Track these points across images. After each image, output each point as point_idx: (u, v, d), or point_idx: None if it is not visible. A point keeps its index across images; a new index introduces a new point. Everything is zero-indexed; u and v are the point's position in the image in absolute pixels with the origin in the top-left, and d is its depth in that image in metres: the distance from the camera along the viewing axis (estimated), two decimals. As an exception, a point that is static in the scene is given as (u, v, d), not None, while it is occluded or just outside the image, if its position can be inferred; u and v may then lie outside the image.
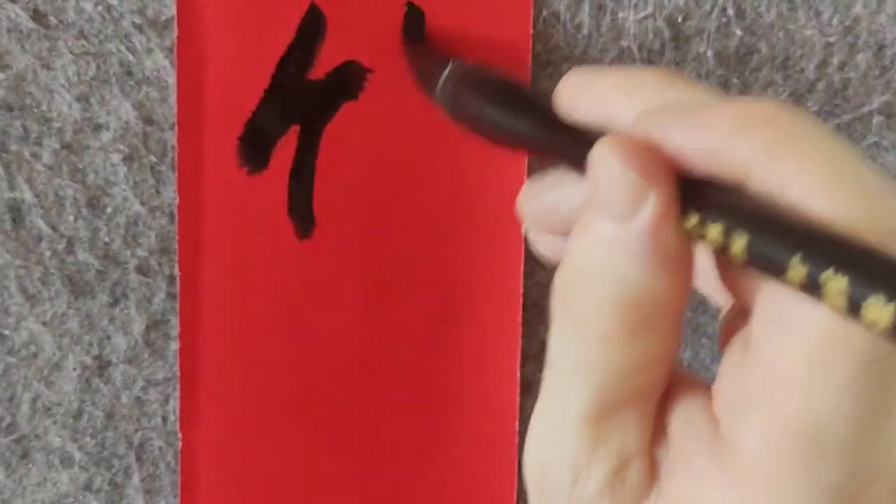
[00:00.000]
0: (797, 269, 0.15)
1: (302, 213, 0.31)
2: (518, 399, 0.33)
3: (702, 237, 0.18)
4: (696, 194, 0.18)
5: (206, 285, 0.31)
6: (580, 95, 0.20)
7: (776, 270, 0.16)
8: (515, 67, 0.32)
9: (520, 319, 0.33)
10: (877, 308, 0.14)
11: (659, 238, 0.18)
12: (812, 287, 0.15)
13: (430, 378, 0.33)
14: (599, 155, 0.18)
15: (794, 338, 0.16)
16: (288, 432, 0.32)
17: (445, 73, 0.26)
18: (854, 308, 0.15)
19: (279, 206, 0.31)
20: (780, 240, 0.16)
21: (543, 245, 0.23)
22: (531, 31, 0.32)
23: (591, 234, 0.18)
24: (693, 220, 0.18)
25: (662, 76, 0.19)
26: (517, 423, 0.33)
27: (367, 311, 0.32)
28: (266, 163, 0.31)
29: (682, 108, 0.18)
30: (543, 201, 0.22)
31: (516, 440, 0.33)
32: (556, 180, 0.21)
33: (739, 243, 0.16)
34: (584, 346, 0.19)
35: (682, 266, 0.18)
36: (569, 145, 0.20)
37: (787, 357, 0.16)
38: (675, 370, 0.20)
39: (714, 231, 0.17)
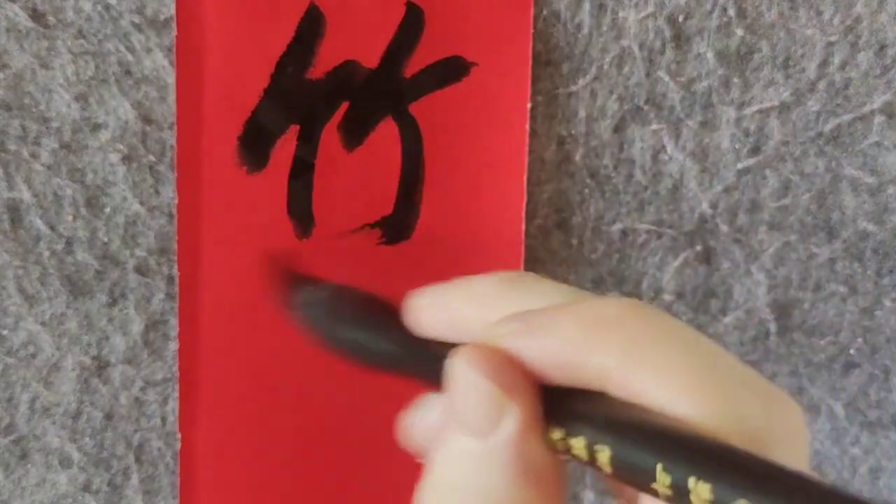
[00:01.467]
0: (662, 477, 0.15)
1: (301, 213, 0.31)
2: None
3: (568, 450, 0.17)
4: (559, 405, 0.17)
5: (206, 285, 0.31)
6: (431, 314, 0.20)
7: (642, 481, 0.15)
8: (515, 68, 0.32)
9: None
10: None
11: (522, 452, 0.17)
12: (679, 495, 0.15)
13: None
14: (455, 367, 0.17)
15: None
16: (287, 432, 0.32)
17: (304, 300, 0.25)
18: None
19: (279, 205, 0.31)
20: (642, 449, 0.15)
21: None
22: (531, 31, 0.32)
23: (451, 450, 0.17)
24: (557, 433, 0.17)
25: (504, 279, 0.19)
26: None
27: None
28: (265, 162, 0.31)
29: (528, 316, 0.17)
30: (430, 419, 0.20)
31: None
32: (433, 400, 0.20)
33: (604, 456, 0.16)
34: None
35: (552, 478, 0.17)
36: (425, 362, 0.19)
37: None
38: None
39: (578, 444, 0.16)
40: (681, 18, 0.33)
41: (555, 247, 0.34)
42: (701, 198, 0.34)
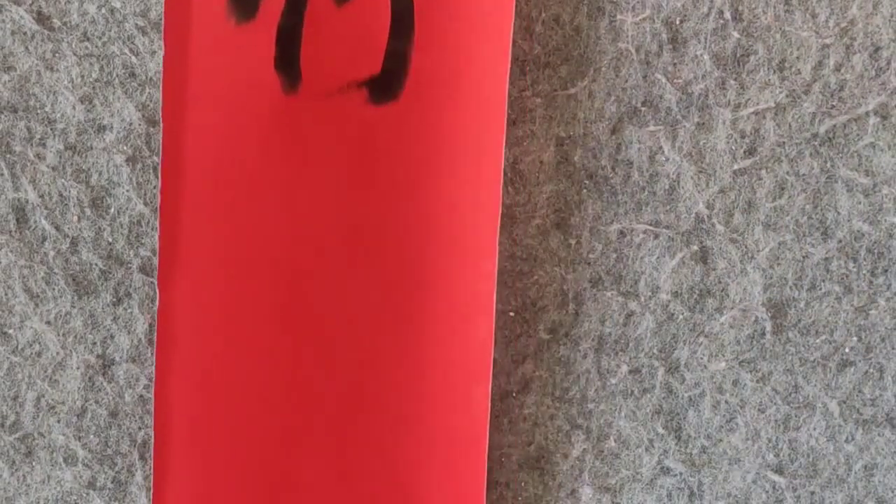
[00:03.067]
0: None
1: (289, 67, 0.30)
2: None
3: None
4: None
5: (190, 143, 0.30)
6: None
7: None
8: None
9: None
10: None
11: None
12: None
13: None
14: None
15: None
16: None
17: None
18: None
19: (267, 59, 0.30)
20: None
21: None
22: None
23: None
24: None
25: None
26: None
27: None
28: (254, 13, 0.30)
29: None
30: None
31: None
32: None
33: None
34: None
35: None
36: None
37: None
38: None
39: None
40: (677, 21, 0.33)
41: (553, 246, 0.34)
42: (697, 198, 0.34)
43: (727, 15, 0.33)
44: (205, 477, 0.32)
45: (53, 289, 0.31)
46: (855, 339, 0.36)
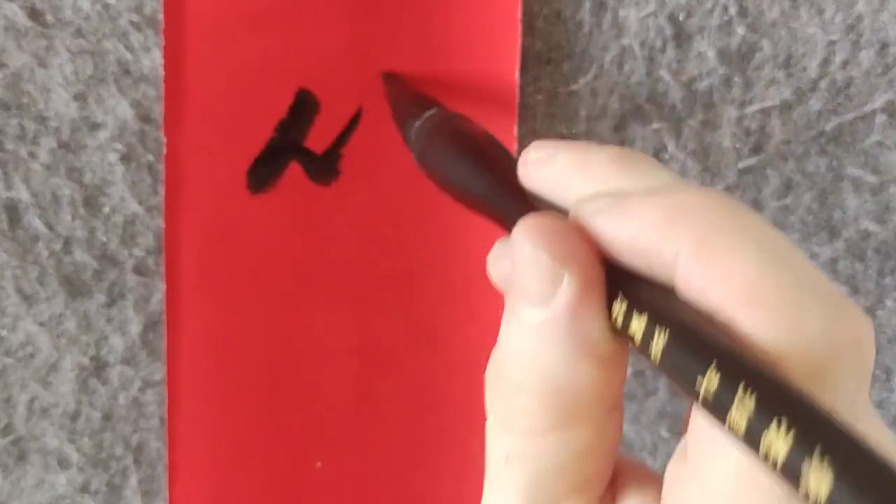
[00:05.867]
0: (710, 379, 0.14)
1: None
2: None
3: (624, 330, 0.16)
4: (626, 283, 0.17)
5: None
6: (541, 169, 0.19)
7: (686, 377, 0.15)
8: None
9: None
10: (777, 442, 0.13)
11: (579, 324, 0.17)
12: (721, 402, 0.14)
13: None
14: (517, 235, 0.17)
15: (722, 459, 0.15)
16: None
17: (423, 117, 0.25)
18: (753, 440, 0.13)
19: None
20: (700, 344, 0.15)
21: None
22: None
23: (511, 321, 0.17)
24: (619, 307, 0.16)
25: (620, 156, 0.18)
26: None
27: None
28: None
29: (619, 196, 0.17)
30: (501, 267, 0.20)
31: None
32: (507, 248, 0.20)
33: (660, 341, 0.15)
34: (512, 440, 0.18)
35: (611, 356, 0.17)
36: (517, 216, 0.19)
37: (718, 476, 0.15)
38: (624, 461, 0.19)
39: (638, 323, 0.16)
40: (682, 17, 0.33)
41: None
42: (702, 197, 0.34)
43: (732, 11, 0.33)
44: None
45: (46, 289, 0.31)
46: (862, 340, 0.36)
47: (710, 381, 0.14)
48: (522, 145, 0.33)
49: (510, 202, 0.20)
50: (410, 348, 0.33)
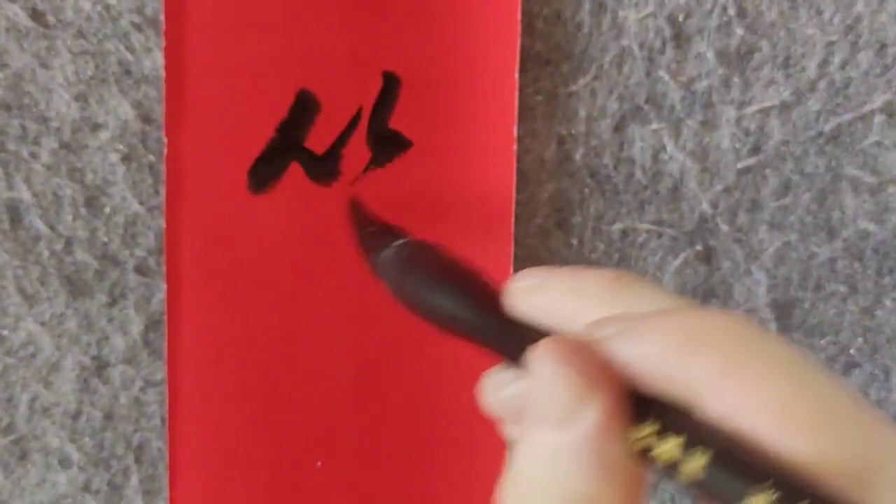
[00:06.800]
0: (762, 498, 0.14)
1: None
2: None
3: (647, 451, 0.16)
4: (646, 406, 0.17)
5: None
6: (531, 297, 0.19)
7: (729, 497, 0.15)
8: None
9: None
10: None
11: (602, 448, 0.16)
12: None
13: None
14: (539, 356, 0.17)
15: None
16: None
17: (393, 246, 0.25)
18: None
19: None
20: (742, 468, 0.15)
21: (517, 434, 0.21)
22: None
23: (531, 444, 0.17)
24: (647, 429, 0.16)
25: (614, 279, 0.18)
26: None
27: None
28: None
29: (631, 318, 0.17)
30: (505, 394, 0.20)
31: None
32: (517, 373, 0.20)
33: (698, 461, 0.15)
34: None
35: (632, 480, 0.17)
36: (513, 343, 0.19)
37: None
38: None
39: (671, 444, 0.16)
40: (681, 18, 0.33)
41: (555, 246, 0.34)
42: (701, 197, 0.34)
43: (731, 12, 0.33)
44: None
45: (48, 289, 0.31)
46: (861, 339, 0.36)
47: (763, 500, 0.14)
48: (522, 145, 0.33)
49: (500, 329, 0.20)
50: (410, 348, 0.33)
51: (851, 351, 0.36)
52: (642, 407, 0.17)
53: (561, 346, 0.17)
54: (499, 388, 0.20)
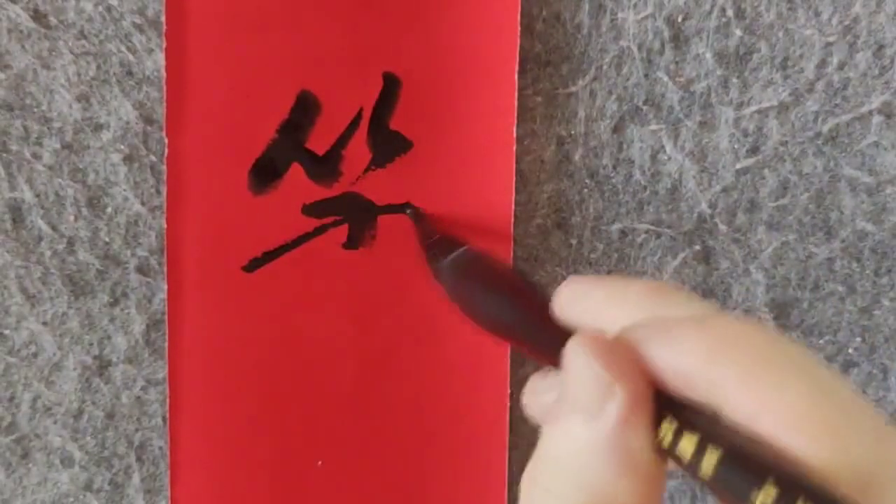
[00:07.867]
0: (763, 497, 0.15)
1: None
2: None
3: (669, 448, 0.17)
4: (671, 405, 0.18)
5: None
6: (576, 303, 0.20)
7: (739, 493, 0.16)
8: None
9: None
10: None
11: (624, 440, 0.17)
12: None
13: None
14: (571, 350, 0.18)
15: None
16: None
17: (452, 255, 0.26)
18: None
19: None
20: (748, 465, 0.16)
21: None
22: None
23: (559, 430, 0.18)
24: (668, 426, 0.17)
25: (654, 288, 0.19)
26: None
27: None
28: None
29: (663, 324, 0.18)
30: (546, 399, 0.21)
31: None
32: (552, 380, 0.21)
33: (712, 458, 0.16)
34: None
35: (653, 472, 0.18)
36: (557, 347, 0.20)
37: None
38: None
39: (688, 441, 0.17)
40: (679, 19, 0.33)
41: (554, 246, 0.34)
42: (700, 198, 0.34)
43: (730, 13, 0.33)
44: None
45: (50, 289, 0.31)
46: (859, 339, 0.36)
47: (766, 495, 0.15)
48: (521, 146, 0.33)
49: (546, 333, 0.21)
50: (410, 348, 0.33)
51: (849, 350, 0.36)
52: (665, 406, 0.18)
53: (591, 341, 0.18)
54: (540, 393, 0.21)
